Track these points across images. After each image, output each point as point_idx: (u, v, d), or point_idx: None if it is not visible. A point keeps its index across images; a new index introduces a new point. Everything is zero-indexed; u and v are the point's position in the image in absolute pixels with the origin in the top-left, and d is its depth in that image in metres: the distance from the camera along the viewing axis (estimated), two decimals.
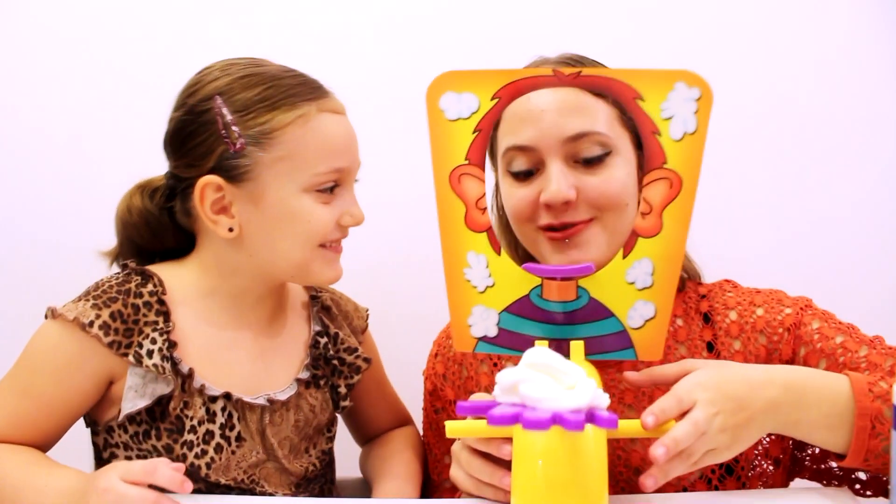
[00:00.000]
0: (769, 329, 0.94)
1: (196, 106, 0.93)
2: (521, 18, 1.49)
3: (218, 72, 0.94)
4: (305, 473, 1.01)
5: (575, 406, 0.60)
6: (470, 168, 0.82)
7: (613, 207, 0.89)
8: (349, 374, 1.06)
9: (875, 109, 1.47)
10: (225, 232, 0.93)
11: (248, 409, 0.96)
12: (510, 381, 0.62)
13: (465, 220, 0.83)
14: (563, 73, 0.79)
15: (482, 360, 1.03)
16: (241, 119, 0.91)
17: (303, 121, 0.91)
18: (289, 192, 0.92)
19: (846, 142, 1.48)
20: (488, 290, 0.84)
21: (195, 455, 0.92)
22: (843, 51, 1.47)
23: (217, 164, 0.92)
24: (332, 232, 0.94)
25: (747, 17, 1.48)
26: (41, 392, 0.91)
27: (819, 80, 1.48)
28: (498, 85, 0.80)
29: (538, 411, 0.60)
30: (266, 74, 0.93)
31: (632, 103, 0.79)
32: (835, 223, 1.48)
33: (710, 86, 0.77)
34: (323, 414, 1.03)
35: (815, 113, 1.48)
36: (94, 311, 0.90)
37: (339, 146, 0.94)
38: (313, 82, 0.96)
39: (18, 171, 1.50)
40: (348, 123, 0.97)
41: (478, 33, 1.49)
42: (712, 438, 0.74)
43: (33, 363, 0.91)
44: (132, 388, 0.91)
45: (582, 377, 0.63)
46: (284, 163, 0.91)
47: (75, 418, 0.94)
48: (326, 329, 1.06)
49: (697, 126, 0.78)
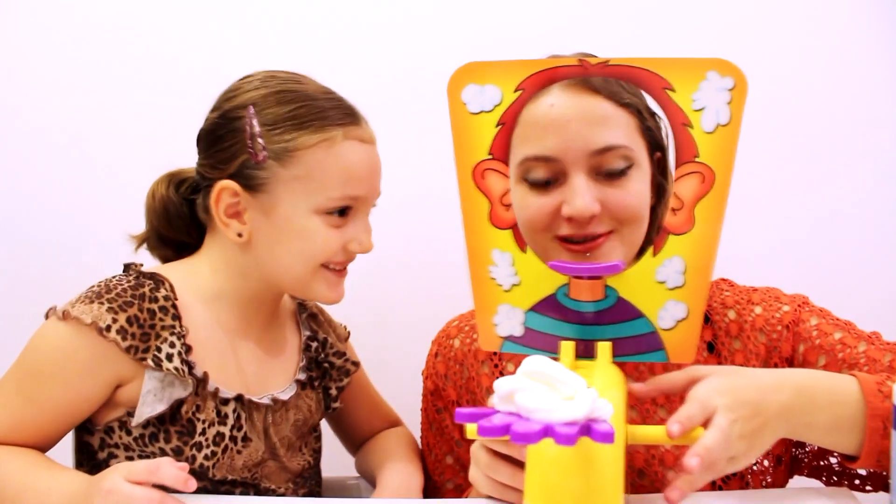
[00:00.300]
0: (768, 327, 0.93)
1: (230, 112, 0.95)
2: (524, 18, 1.49)
3: (258, 82, 0.96)
4: (301, 471, 1.04)
5: (569, 418, 0.57)
6: (493, 163, 0.80)
7: (633, 220, 0.86)
8: (338, 377, 1.09)
9: (874, 109, 1.47)
10: (234, 236, 0.95)
11: (254, 409, 0.98)
12: (507, 390, 0.60)
13: (490, 217, 0.81)
14: (589, 63, 0.77)
15: (483, 361, 1.01)
16: (268, 133, 0.93)
17: (327, 145, 0.93)
18: (300, 210, 0.93)
19: (846, 141, 1.48)
20: (514, 288, 0.82)
21: (204, 457, 0.92)
22: (842, 50, 1.47)
23: (237, 171, 0.94)
24: (335, 255, 0.96)
25: (747, 16, 1.47)
26: (48, 397, 0.89)
27: (818, 80, 1.47)
28: (521, 76, 0.78)
29: (531, 423, 0.57)
30: (301, 93, 0.95)
31: (661, 94, 0.75)
32: (834, 223, 1.48)
33: (744, 74, 0.74)
34: (317, 414, 1.07)
35: (814, 112, 1.48)
36: (110, 314, 0.89)
37: (359, 175, 0.95)
38: (347, 108, 0.97)
39: (18, 171, 1.50)
40: (374, 153, 0.98)
41: (478, 33, 1.49)
42: (733, 445, 0.72)
43: (40, 367, 0.90)
44: (151, 392, 0.91)
45: (582, 388, 0.60)
46: (300, 182, 0.93)
47: (78, 422, 0.93)
48: (315, 334, 1.09)
49: (731, 117, 0.74)
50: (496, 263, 0.82)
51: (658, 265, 0.78)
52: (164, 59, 1.47)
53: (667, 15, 1.48)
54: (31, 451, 0.90)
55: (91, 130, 1.49)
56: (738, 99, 0.74)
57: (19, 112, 1.51)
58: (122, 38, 1.49)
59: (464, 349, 1.03)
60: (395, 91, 1.44)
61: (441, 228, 1.42)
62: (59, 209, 1.51)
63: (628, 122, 0.86)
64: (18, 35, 1.50)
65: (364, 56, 1.49)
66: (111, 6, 1.50)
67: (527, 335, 0.82)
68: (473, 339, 1.03)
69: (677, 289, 0.78)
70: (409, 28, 1.50)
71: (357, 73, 1.46)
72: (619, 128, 0.85)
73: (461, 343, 1.03)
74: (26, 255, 1.51)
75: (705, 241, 0.77)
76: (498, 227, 0.81)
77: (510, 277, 0.81)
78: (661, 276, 0.78)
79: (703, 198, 0.76)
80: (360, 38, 1.50)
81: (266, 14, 1.49)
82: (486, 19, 1.49)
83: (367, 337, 1.20)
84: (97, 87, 1.48)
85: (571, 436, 0.55)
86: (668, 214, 0.78)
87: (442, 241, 1.44)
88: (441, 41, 1.48)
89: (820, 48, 1.47)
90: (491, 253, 0.81)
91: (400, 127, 1.37)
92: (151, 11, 1.49)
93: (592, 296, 0.79)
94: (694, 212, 0.77)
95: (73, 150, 1.50)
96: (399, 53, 1.49)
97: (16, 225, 1.51)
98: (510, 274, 0.81)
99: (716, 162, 0.75)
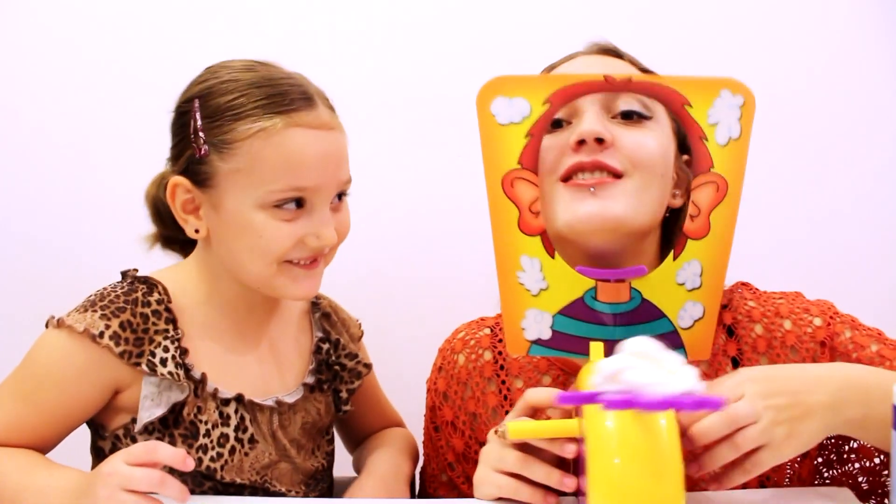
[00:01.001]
0: (800, 344, 0.92)
1: (180, 106, 0.95)
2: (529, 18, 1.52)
3: (207, 73, 0.95)
4: (314, 473, 1.03)
5: (685, 389, 0.60)
6: (522, 172, 0.83)
7: (646, 167, 0.87)
8: (350, 379, 1.07)
9: (874, 108, 1.50)
10: (192, 232, 0.95)
11: (259, 411, 0.97)
12: (613, 370, 0.62)
13: (519, 224, 0.84)
14: (614, 80, 0.82)
15: (489, 379, 1.01)
16: (209, 126, 0.91)
17: (265, 135, 0.89)
18: (244, 205, 0.90)
19: (845, 141, 1.51)
20: (542, 293, 0.84)
21: (210, 458, 0.93)
22: (842, 50, 1.49)
23: (187, 167, 0.93)
24: (291, 251, 0.92)
25: (746, 15, 1.50)
26: (44, 400, 0.90)
27: (818, 80, 1.49)
28: (549, 90, 0.82)
29: (651, 395, 0.60)
30: (244, 81, 0.91)
31: (681, 109, 0.82)
32: (834, 223, 1.51)
33: (752, 93, 0.81)
34: (327, 417, 1.05)
35: (814, 112, 1.50)
36: (103, 321, 0.90)
37: (306, 164, 0.90)
38: (298, 94, 0.92)
39: (18, 171, 1.48)
40: (329, 139, 0.93)
41: (479, 32, 1.51)
42: (766, 432, 0.73)
43: (37, 373, 0.91)
44: (148, 398, 0.91)
45: (681, 364, 0.64)
46: (241, 175, 0.90)
47: (76, 426, 0.94)
48: (328, 335, 1.07)
49: (741, 132, 0.81)
50: (524, 269, 0.84)
51: (678, 268, 0.84)
52: (165, 60, 1.45)
53: (665, 15, 1.50)
54: (28, 451, 0.90)
55: (91, 130, 1.46)
56: (747, 115, 0.81)
57: (19, 112, 1.46)
58: (122, 38, 1.48)
59: (468, 367, 1.02)
60: (392, 96, 1.48)
61: (446, 234, 1.51)
62: (59, 209, 1.47)
63: (661, 108, 0.88)
64: (19, 35, 1.47)
65: (362, 57, 1.51)
66: (112, 6, 1.47)
67: (554, 338, 0.85)
68: (479, 354, 1.02)
69: (695, 290, 0.84)
70: (407, 30, 1.52)
71: (352, 74, 1.49)
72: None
73: (466, 360, 1.02)
74: (26, 255, 1.46)
75: (720, 245, 0.83)
76: (527, 233, 0.84)
77: (539, 283, 0.84)
78: (681, 278, 0.84)
79: (718, 205, 0.83)
80: (370, 40, 1.52)
81: (272, 16, 1.49)
82: (480, 20, 1.52)
83: (372, 340, 1.18)
84: (97, 87, 1.46)
85: (692, 403, 0.58)
86: (687, 221, 0.84)
87: (450, 246, 1.51)
88: (443, 43, 1.51)
89: (820, 48, 1.48)
90: (520, 259, 0.84)
91: (402, 131, 1.44)
92: (152, 11, 1.48)
93: (618, 298, 0.83)
94: (710, 218, 0.83)
95: (74, 150, 1.46)
96: (398, 55, 1.51)
97: (16, 225, 1.47)
98: (539, 279, 0.84)
99: (728, 172, 0.82)
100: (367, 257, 1.47)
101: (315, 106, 0.92)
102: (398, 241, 1.54)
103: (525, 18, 1.51)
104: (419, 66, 1.50)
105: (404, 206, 1.54)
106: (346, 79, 1.44)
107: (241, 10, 1.50)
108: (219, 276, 0.97)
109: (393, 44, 1.52)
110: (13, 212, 1.49)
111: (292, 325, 1.05)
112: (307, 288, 0.95)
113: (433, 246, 1.54)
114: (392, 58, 1.52)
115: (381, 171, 1.49)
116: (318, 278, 0.96)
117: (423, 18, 1.52)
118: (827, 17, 1.51)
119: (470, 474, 0.96)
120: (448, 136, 1.47)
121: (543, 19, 1.51)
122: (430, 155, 1.52)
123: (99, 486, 0.79)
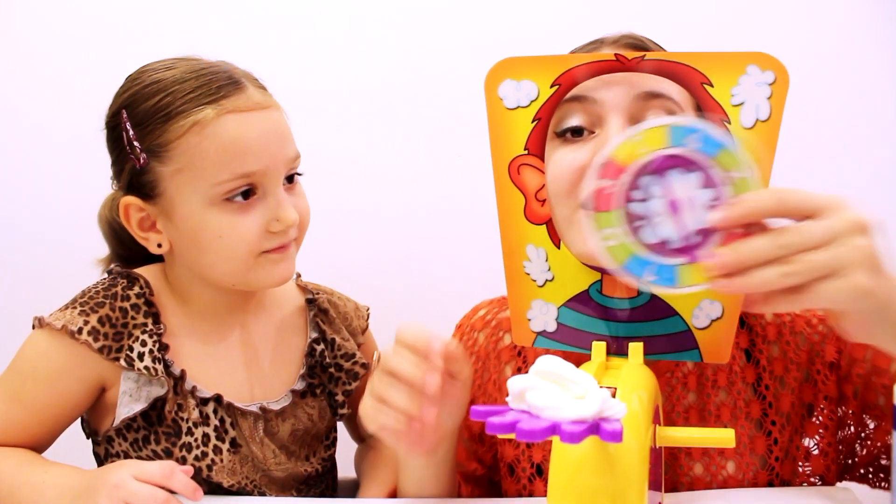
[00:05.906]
0: (809, 328, 0.89)
1: (110, 120, 0.92)
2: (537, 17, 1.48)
3: (128, 82, 0.92)
4: (307, 479, 1.00)
5: (577, 417, 0.56)
6: (529, 158, 0.80)
7: None
8: (346, 380, 1.02)
9: (873, 108, 1.47)
10: (155, 248, 0.92)
11: (240, 416, 0.94)
12: (519, 388, 0.59)
13: (525, 212, 0.81)
14: (625, 58, 0.76)
15: (507, 363, 0.95)
16: (141, 133, 0.88)
17: (198, 128, 0.86)
18: (194, 204, 0.87)
19: (844, 141, 1.48)
20: (547, 284, 0.81)
21: (195, 458, 0.91)
22: (842, 50, 1.47)
23: (130, 182, 0.90)
24: (258, 242, 0.89)
25: (746, 16, 1.47)
26: (32, 398, 0.90)
27: (818, 79, 1.46)
28: (557, 72, 0.77)
29: (539, 420, 0.57)
30: (166, 80, 0.88)
31: (699, 89, 0.74)
32: None
33: (786, 68, 0.72)
34: (322, 422, 1.01)
35: (813, 112, 1.45)
36: (81, 317, 0.89)
37: (245, 148, 0.86)
38: (222, 80, 0.88)
39: (18, 172, 1.52)
40: (265, 119, 0.89)
41: (479, 32, 1.47)
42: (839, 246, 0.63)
43: (23, 371, 0.91)
44: (126, 393, 0.90)
45: (593, 387, 0.59)
46: (184, 174, 0.87)
47: (67, 424, 0.94)
48: (323, 335, 1.02)
49: (771, 112, 0.73)
50: (530, 259, 0.81)
51: None
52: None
53: (666, 15, 1.48)
54: (23, 449, 0.91)
55: (91, 130, 1.50)
56: (778, 94, 0.72)
57: (19, 112, 1.51)
58: (123, 37, 1.50)
59: (488, 347, 0.97)
60: (403, 91, 1.46)
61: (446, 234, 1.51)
62: (59, 209, 1.51)
63: (681, 91, 0.78)
64: (20, 34, 1.51)
65: (361, 55, 1.49)
66: (112, 6, 1.51)
67: (559, 331, 0.82)
68: (500, 336, 0.97)
69: None
70: (406, 28, 1.50)
71: (353, 72, 1.46)
72: (672, 87, 0.77)
73: (486, 340, 0.98)
74: (26, 255, 1.52)
75: None
76: (533, 222, 0.81)
77: (544, 273, 0.81)
78: None
79: None
80: (370, 40, 1.50)
81: (272, 16, 1.49)
82: (480, 20, 1.48)
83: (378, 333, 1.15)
84: (98, 86, 1.50)
85: (576, 434, 0.54)
86: None
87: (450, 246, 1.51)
88: (451, 38, 1.46)
89: (819, 47, 1.46)
90: (525, 248, 0.81)
91: (403, 126, 1.43)
92: (153, 11, 1.50)
93: (626, 292, 0.79)
94: None
95: (74, 150, 1.45)
96: (397, 53, 1.49)
97: (16, 225, 1.53)
98: (544, 269, 0.81)
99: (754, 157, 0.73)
100: (367, 257, 1.50)
101: (244, 88, 0.89)
102: (398, 241, 1.54)
103: (525, 18, 1.46)
104: (419, 66, 1.47)
105: (404, 206, 1.53)
106: (346, 79, 1.42)
107: (242, 10, 1.50)
108: (191, 282, 0.95)
109: (393, 44, 1.49)
110: (13, 212, 1.51)
111: (283, 326, 1.01)
112: (282, 272, 0.92)
113: (433, 246, 1.53)
114: (392, 58, 1.49)
115: (382, 170, 1.50)
116: (292, 261, 0.93)
117: (423, 18, 1.48)
118: (827, 17, 1.49)
119: (484, 457, 0.96)
120: (448, 136, 1.44)
121: (543, 19, 1.47)
122: (430, 155, 1.50)
123: (102, 495, 0.79)
